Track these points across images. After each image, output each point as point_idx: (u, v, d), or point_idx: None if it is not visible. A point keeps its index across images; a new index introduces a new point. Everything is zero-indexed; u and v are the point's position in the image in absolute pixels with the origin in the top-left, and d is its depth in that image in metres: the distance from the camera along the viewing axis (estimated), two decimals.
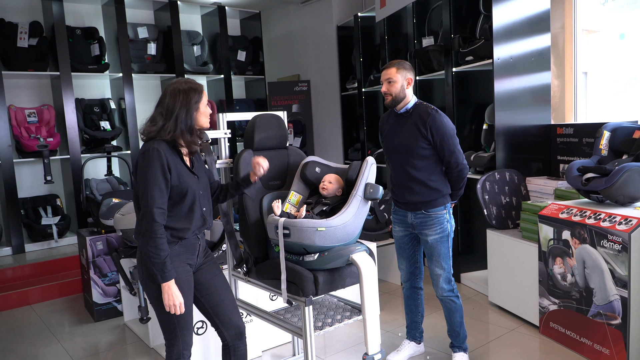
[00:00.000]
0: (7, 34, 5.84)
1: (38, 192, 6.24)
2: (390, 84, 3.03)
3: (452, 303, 3.19)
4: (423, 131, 2.98)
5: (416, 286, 3.35)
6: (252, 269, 2.86)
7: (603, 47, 4.66)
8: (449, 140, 2.99)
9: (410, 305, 3.41)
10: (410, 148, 3.02)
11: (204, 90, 2.45)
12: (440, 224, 3.08)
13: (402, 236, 3.26)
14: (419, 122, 3.00)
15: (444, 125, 2.98)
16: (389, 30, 5.94)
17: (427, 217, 3.08)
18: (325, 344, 3.74)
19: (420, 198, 3.07)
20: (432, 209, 3.07)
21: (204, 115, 2.44)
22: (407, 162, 3.05)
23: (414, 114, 3.05)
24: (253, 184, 2.68)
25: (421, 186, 3.05)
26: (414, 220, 3.13)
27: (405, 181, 3.09)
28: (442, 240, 3.10)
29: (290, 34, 8.03)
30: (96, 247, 4.37)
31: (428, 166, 3.04)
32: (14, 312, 4.72)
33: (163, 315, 2.37)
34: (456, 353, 3.29)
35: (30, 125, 5.96)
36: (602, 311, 3.17)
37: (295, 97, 7.51)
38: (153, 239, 2.25)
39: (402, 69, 3.04)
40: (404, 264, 3.33)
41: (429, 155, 3.02)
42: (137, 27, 6.70)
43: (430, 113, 3.00)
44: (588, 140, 4.17)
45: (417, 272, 3.33)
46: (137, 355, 3.74)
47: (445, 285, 3.16)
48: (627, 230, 2.96)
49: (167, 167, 2.30)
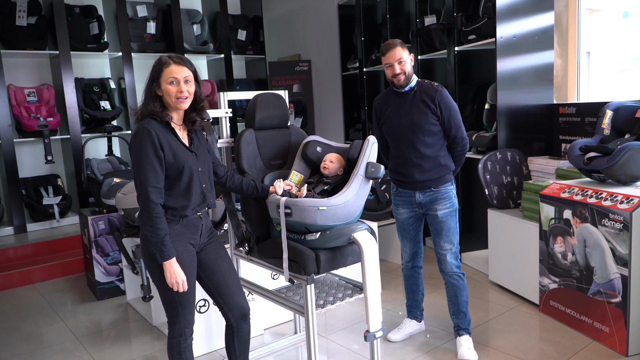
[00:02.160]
0: (5, 12, 5.78)
1: (39, 172, 6.24)
2: (401, 63, 2.98)
3: (460, 280, 3.17)
4: (432, 107, 2.99)
5: (417, 265, 3.37)
6: (254, 248, 2.87)
7: (606, 25, 4.61)
8: (456, 115, 3.03)
9: (411, 285, 3.42)
10: (421, 125, 3.00)
11: (167, 67, 2.30)
12: (449, 199, 3.10)
13: (407, 218, 3.24)
14: (427, 99, 3.00)
15: (450, 100, 3.03)
16: (390, 9, 5.88)
17: (437, 194, 3.09)
18: (326, 322, 3.77)
19: (430, 175, 3.06)
20: (441, 186, 3.09)
21: (166, 94, 2.31)
22: (417, 140, 3.03)
23: (419, 91, 3.04)
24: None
25: (431, 163, 3.05)
26: (423, 198, 3.12)
27: (416, 159, 3.06)
28: (451, 215, 3.11)
29: (291, 13, 7.96)
30: (98, 226, 4.38)
31: (437, 142, 3.05)
32: (17, 290, 4.75)
33: (165, 293, 2.38)
34: (462, 336, 3.20)
35: (30, 104, 5.94)
36: (603, 289, 3.18)
37: (296, 77, 7.47)
38: (149, 218, 2.25)
39: (405, 48, 3.02)
40: (408, 245, 3.32)
41: (437, 131, 3.03)
42: (136, 6, 6.63)
43: (437, 89, 3.01)
44: (590, 120, 4.16)
45: (419, 251, 3.34)
46: (140, 334, 3.77)
47: (454, 260, 3.15)
48: (629, 209, 2.96)
49: (160, 146, 2.27)
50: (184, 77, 2.32)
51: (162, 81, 2.31)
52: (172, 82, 2.30)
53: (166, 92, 2.32)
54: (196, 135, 2.50)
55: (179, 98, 2.32)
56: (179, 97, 2.31)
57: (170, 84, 2.31)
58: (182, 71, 2.33)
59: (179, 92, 2.31)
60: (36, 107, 5.95)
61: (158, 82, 2.32)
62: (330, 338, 3.54)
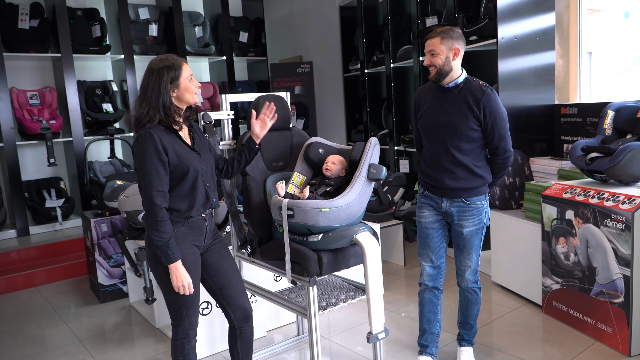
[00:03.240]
0: (8, 15, 5.80)
1: (41, 174, 6.26)
2: (433, 56, 2.70)
3: (475, 294, 2.95)
4: (475, 110, 2.67)
5: (438, 287, 2.97)
6: (257, 249, 2.87)
7: (607, 26, 4.61)
8: (502, 124, 2.70)
9: (428, 312, 2.99)
10: (458, 128, 2.69)
11: (183, 65, 2.37)
12: (479, 215, 2.80)
13: (432, 221, 2.89)
14: (471, 100, 2.68)
15: (498, 106, 2.69)
16: (392, 10, 5.89)
17: (466, 207, 2.79)
18: (329, 324, 3.78)
19: (462, 184, 2.75)
20: (472, 198, 2.78)
21: (187, 91, 2.38)
22: (452, 144, 2.72)
23: (465, 90, 2.73)
24: (259, 147, 2.73)
25: (465, 171, 2.74)
26: (450, 208, 2.81)
27: (448, 164, 2.75)
28: (477, 232, 2.83)
29: (292, 15, 7.97)
30: (101, 229, 4.39)
31: (474, 150, 2.74)
32: (20, 293, 4.76)
33: (169, 295, 2.39)
34: (464, 347, 3.07)
35: (33, 107, 5.96)
36: (605, 290, 3.18)
37: (297, 78, 7.47)
38: (155, 222, 2.26)
39: (447, 38, 2.68)
40: (429, 256, 2.92)
41: (477, 138, 2.72)
42: (138, 8, 6.65)
43: (485, 91, 2.68)
44: (592, 120, 4.16)
45: (441, 268, 2.94)
46: (143, 336, 3.77)
47: (472, 276, 2.91)
48: (631, 210, 2.96)
49: (163, 149, 2.29)
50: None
51: (183, 80, 2.36)
52: (190, 79, 2.39)
53: (187, 89, 2.38)
54: (197, 134, 2.52)
55: (196, 93, 2.42)
56: (196, 93, 2.42)
57: (190, 81, 2.39)
58: (190, 69, 2.44)
59: (197, 87, 2.42)
60: (39, 109, 5.97)
61: (176, 83, 2.35)
62: (333, 339, 3.55)
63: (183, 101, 2.39)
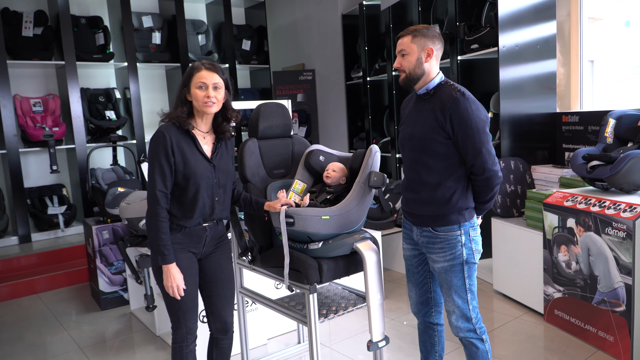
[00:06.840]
0: (12, 23, 5.84)
1: (44, 181, 6.27)
2: (403, 57, 2.32)
3: (473, 347, 2.42)
4: (441, 120, 2.23)
5: (430, 321, 2.62)
6: (257, 257, 2.87)
7: (608, 34, 4.62)
8: (475, 136, 2.20)
9: (425, 342, 2.69)
10: (424, 141, 2.30)
11: (197, 71, 2.34)
12: (451, 249, 2.33)
13: (411, 256, 2.56)
14: (437, 108, 2.26)
15: (469, 114, 2.20)
16: (394, 19, 5.91)
17: (435, 237, 2.36)
18: (330, 332, 3.77)
19: (427, 210, 2.35)
20: (440, 227, 2.34)
21: (195, 98, 2.34)
22: (419, 160, 2.33)
23: (435, 97, 2.31)
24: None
25: (430, 194, 2.32)
26: (420, 238, 2.43)
27: (414, 184, 2.39)
28: (453, 270, 2.35)
29: (295, 23, 8.01)
30: (102, 236, 4.39)
31: (447, 168, 2.29)
32: (21, 300, 4.76)
33: (167, 298, 2.41)
34: None
35: (36, 114, 5.99)
36: (607, 298, 3.17)
37: (300, 86, 7.50)
38: (155, 221, 2.29)
39: (420, 36, 2.29)
40: (413, 291, 2.61)
41: (448, 154, 2.27)
42: (141, 16, 6.70)
43: (453, 96, 2.22)
44: (593, 128, 4.16)
45: (429, 303, 2.59)
46: (144, 343, 3.77)
47: (462, 324, 2.40)
48: (632, 218, 2.96)
49: (172, 151, 2.30)
50: (213, 83, 2.34)
51: (192, 85, 2.35)
52: (200, 86, 2.33)
53: (194, 96, 2.34)
54: (225, 147, 2.51)
55: (206, 103, 2.33)
56: (206, 102, 2.33)
57: (199, 88, 2.33)
58: (212, 77, 2.35)
59: (206, 97, 2.33)
60: (42, 117, 6.00)
61: (188, 86, 2.36)
62: (334, 348, 3.54)
63: (197, 108, 2.38)
